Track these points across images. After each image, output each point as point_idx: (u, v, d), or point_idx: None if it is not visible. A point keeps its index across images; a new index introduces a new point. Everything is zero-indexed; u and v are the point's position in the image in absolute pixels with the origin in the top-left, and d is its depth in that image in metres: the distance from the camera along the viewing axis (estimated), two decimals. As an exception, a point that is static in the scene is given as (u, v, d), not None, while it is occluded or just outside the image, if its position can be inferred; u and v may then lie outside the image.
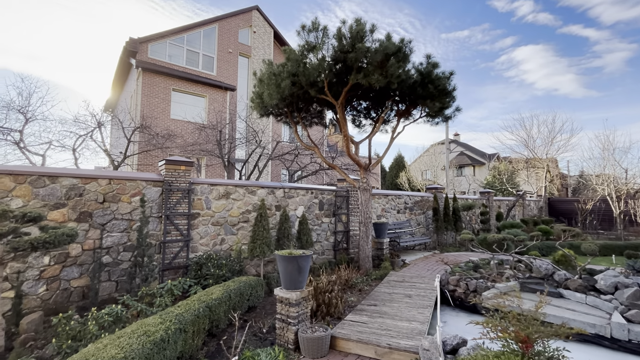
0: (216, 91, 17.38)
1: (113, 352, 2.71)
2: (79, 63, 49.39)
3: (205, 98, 17.05)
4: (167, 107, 15.67)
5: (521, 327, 2.56)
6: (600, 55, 56.39)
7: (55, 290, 5.19)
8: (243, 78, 20.15)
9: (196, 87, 16.57)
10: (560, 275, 5.81)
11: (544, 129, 22.26)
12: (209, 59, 18.41)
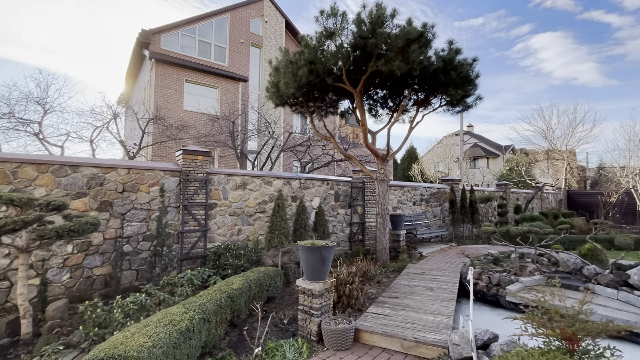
0: (228, 82, 17.30)
1: (141, 341, 2.69)
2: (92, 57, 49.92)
3: (217, 89, 17.00)
4: (180, 98, 15.69)
5: (566, 323, 2.41)
6: (622, 42, 54.03)
7: (78, 278, 5.26)
8: (255, 68, 20.00)
9: (208, 78, 16.53)
10: (589, 269, 5.59)
11: (564, 119, 21.53)
12: (220, 50, 18.30)
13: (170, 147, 14.52)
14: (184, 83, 15.93)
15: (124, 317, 3.46)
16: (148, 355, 2.56)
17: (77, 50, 50.56)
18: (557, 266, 6.74)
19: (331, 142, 8.45)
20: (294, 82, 6.94)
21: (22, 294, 3.85)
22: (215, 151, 16.39)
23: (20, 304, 3.83)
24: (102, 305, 3.90)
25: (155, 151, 14.51)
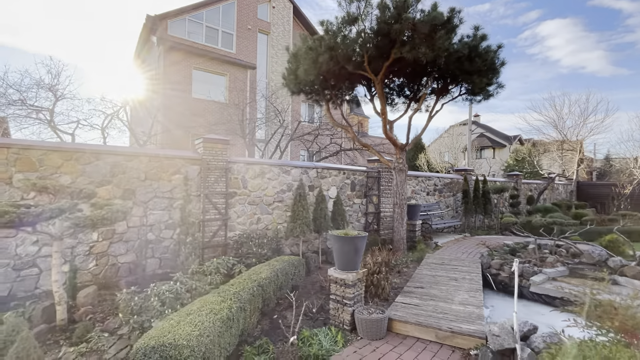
0: (237, 69, 17.06)
1: (188, 329, 2.68)
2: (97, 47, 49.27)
3: (225, 77, 16.79)
4: (189, 85, 15.51)
5: (625, 317, 2.38)
6: (633, 29, 52.76)
7: (104, 266, 5.28)
8: (262, 55, 19.69)
9: (217, 65, 16.28)
10: (615, 261, 5.56)
11: (576, 109, 21.20)
12: (228, 36, 17.98)
13: (180, 135, 14.45)
14: (193, 70, 15.72)
15: (161, 305, 3.46)
16: (197, 344, 2.56)
17: (80, 40, 49.93)
18: (576, 257, 6.71)
19: (348, 131, 8.35)
20: (313, 69, 6.80)
21: (57, 281, 3.85)
22: (224, 140, 16.27)
23: (55, 291, 3.84)
24: (137, 292, 3.89)
25: (165, 139, 14.44)
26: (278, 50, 20.23)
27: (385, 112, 7.49)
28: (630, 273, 5.27)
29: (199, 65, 15.72)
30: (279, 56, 20.29)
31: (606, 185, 17.76)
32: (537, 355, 2.87)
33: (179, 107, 14.32)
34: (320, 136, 16.66)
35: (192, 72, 15.66)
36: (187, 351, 2.48)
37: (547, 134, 22.95)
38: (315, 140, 16.45)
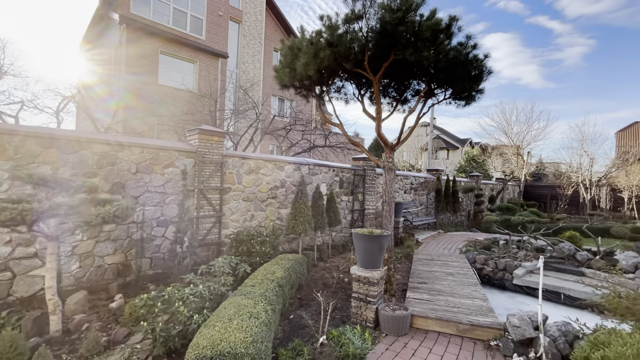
0: (207, 57, 16.19)
1: (241, 336, 2.51)
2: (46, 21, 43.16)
3: (195, 64, 15.85)
4: (155, 71, 14.38)
5: None
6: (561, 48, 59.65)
7: (89, 268, 4.73)
8: (233, 43, 18.90)
9: (186, 50, 15.28)
10: (582, 255, 6.29)
11: (522, 117, 23.47)
12: (197, 21, 16.96)
13: (145, 124, 13.37)
14: (159, 55, 14.60)
15: (188, 310, 3.17)
16: (255, 351, 2.41)
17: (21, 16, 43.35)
18: (542, 252, 7.48)
19: (340, 128, 8.35)
20: (313, 64, 6.68)
21: (51, 288, 3.36)
22: (193, 131, 15.39)
23: (49, 299, 3.35)
24: (158, 297, 3.52)
25: (130, 127, 13.24)
26: (250, 40, 19.58)
27: (381, 112, 7.61)
28: (595, 265, 6.00)
29: (167, 50, 14.63)
30: (251, 46, 19.65)
31: (547, 187, 19.99)
32: (571, 346, 3.16)
33: (144, 94, 13.21)
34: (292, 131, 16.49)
35: (159, 57, 14.54)
36: (247, 359, 2.32)
37: (498, 139, 25.12)
38: (287, 135, 16.24)
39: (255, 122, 14.43)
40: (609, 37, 56.28)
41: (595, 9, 53.32)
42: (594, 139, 19.67)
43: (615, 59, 58.94)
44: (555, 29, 58.26)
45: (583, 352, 2.56)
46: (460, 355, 3.41)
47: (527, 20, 59.23)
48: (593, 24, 54.76)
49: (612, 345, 2.38)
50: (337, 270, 6.28)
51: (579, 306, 5.23)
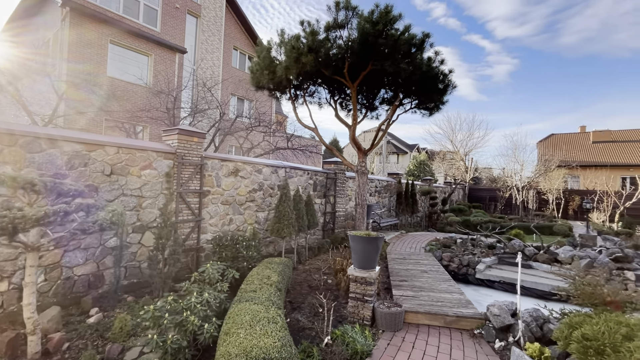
0: (163, 50, 15.22)
1: (270, 342, 2.51)
2: None
3: (149, 57, 14.81)
4: (103, 61, 13.15)
5: (611, 293, 3.28)
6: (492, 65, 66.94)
7: (55, 280, 4.23)
8: (190, 37, 18.03)
9: (139, 42, 14.19)
10: (530, 250, 7.22)
11: (465, 126, 25.90)
12: (151, 12, 15.90)
13: (91, 119, 12.14)
14: (108, 44, 13.37)
15: (198, 320, 3.01)
16: (288, 355, 2.43)
17: None
18: (493, 249, 8.41)
19: (314, 132, 8.50)
20: (295, 68, 6.74)
21: (30, 305, 2.97)
22: (146, 129, 14.39)
23: (28, 317, 2.95)
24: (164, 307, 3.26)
25: (71, 123, 11.91)
26: (209, 36, 18.85)
27: (356, 118, 7.93)
28: (541, 259, 6.94)
29: (117, 39, 13.44)
30: (210, 42, 18.92)
31: (486, 190, 22.30)
32: (541, 329, 3.66)
33: (90, 86, 11.99)
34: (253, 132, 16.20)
35: (108, 46, 13.31)
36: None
37: (444, 145, 27.38)
38: (247, 136, 15.94)
39: (217, 122, 13.91)
40: (530, 58, 64.60)
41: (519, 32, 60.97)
42: (525, 148, 22.45)
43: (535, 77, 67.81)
44: (487, 48, 65.28)
45: (562, 333, 3.02)
46: (453, 345, 3.75)
47: (463, 37, 65.44)
48: (517, 45, 62.47)
49: (586, 325, 2.85)
50: (319, 272, 6.40)
51: (531, 295, 6.01)
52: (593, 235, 9.26)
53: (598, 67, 61.95)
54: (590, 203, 11.44)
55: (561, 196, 18.06)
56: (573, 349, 2.74)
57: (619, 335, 2.56)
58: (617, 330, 2.60)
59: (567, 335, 2.91)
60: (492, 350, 3.66)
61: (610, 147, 26.21)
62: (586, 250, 7.15)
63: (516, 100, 68.41)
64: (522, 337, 3.67)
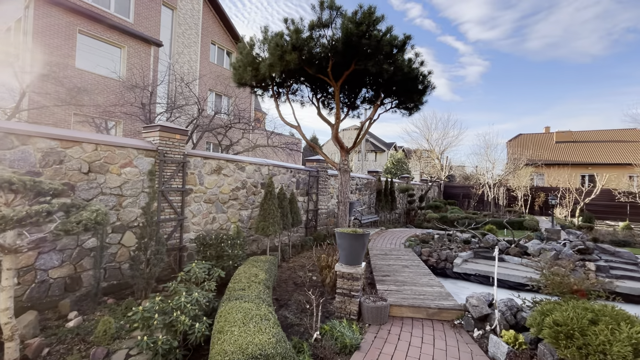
0: (137, 43, 14.65)
1: (264, 338, 2.54)
2: None
3: (123, 49, 14.21)
4: (72, 52, 12.48)
5: (577, 282, 3.56)
6: (464, 66, 69.36)
7: (29, 284, 4.03)
8: (166, 29, 17.43)
9: (111, 33, 13.56)
10: (502, 244, 7.64)
11: (440, 125, 26.76)
12: (124, 1, 15.21)
13: (60, 113, 11.53)
14: (77, 34, 12.70)
15: (189, 320, 2.98)
16: (283, 350, 2.48)
17: None
18: (468, 244, 8.82)
19: (297, 130, 8.52)
20: (279, 66, 6.72)
21: (8, 309, 2.83)
22: (119, 125, 13.83)
23: (5, 323, 2.81)
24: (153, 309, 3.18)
25: (37, 117, 11.24)
26: (186, 29, 18.31)
27: (339, 117, 8.02)
28: (512, 252, 7.36)
29: (86, 29, 12.78)
30: (187, 36, 18.39)
31: (460, 187, 23.21)
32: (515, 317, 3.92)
33: (58, 78, 11.33)
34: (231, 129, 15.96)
35: (77, 36, 12.63)
36: (278, 358, 2.38)
37: (420, 144, 28.18)
38: (226, 133, 15.69)
39: (196, 118, 13.57)
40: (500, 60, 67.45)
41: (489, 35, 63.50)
42: (496, 147, 23.58)
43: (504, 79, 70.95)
44: (460, 49, 67.51)
45: (535, 320, 3.26)
46: (436, 335, 3.94)
47: (438, 38, 67.28)
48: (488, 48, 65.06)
49: (557, 312, 3.10)
50: (304, 270, 6.46)
51: (504, 286, 6.37)
52: (557, 230, 9.93)
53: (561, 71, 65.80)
54: (554, 199, 12.23)
55: (528, 193, 19.13)
56: (545, 334, 2.98)
57: (585, 320, 2.81)
58: (584, 316, 2.86)
59: (539, 321, 3.14)
60: (471, 339, 3.88)
61: (571, 147, 28.01)
62: (552, 244, 7.66)
63: (487, 101, 71.32)
64: (499, 325, 3.92)
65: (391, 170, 32.32)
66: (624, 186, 19.11)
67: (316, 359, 3.26)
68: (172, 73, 15.68)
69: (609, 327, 2.64)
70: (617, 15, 54.01)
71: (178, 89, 14.13)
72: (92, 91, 12.21)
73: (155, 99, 14.77)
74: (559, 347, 2.81)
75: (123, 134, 13.64)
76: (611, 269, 6.56)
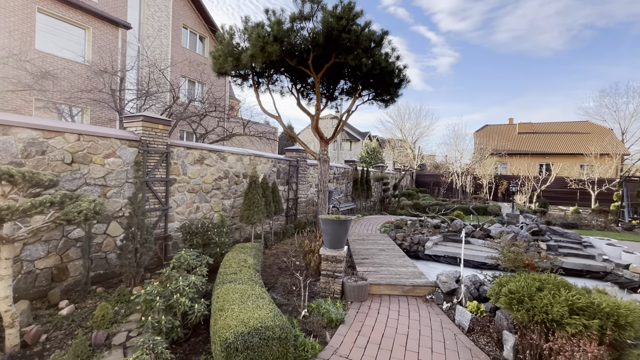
0: (104, 24, 13.91)
1: (263, 314, 2.83)
2: None
3: (87, 31, 13.46)
4: (31, 32, 11.71)
5: (528, 258, 4.13)
6: (436, 56, 71.13)
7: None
8: (134, 9, 16.60)
9: (73, 12, 12.76)
10: (468, 228, 8.34)
11: (413, 115, 27.68)
12: (86, -22, 14.30)
13: (18, 99, 10.88)
14: (36, 13, 11.88)
15: (189, 302, 3.19)
16: (281, 323, 2.78)
17: None
18: (438, 228, 9.52)
19: (278, 121, 8.66)
20: (261, 57, 6.81)
21: (8, 298, 2.91)
22: (86, 112, 13.22)
23: (5, 311, 2.89)
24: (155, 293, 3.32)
25: (-6, 102, 10.54)
26: (156, 11, 17.54)
27: (319, 108, 8.25)
28: (477, 235, 8.08)
29: (46, 7, 11.96)
30: (157, 18, 17.63)
31: (431, 176, 24.35)
32: (478, 290, 4.47)
33: (16, 61, 10.62)
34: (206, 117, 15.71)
35: (36, 15, 11.81)
36: (278, 330, 2.68)
37: (394, 134, 29.03)
38: (201, 121, 15.45)
39: (170, 106, 13.23)
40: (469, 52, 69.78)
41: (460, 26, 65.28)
42: (464, 138, 24.91)
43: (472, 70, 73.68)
44: (432, 39, 68.92)
45: (493, 291, 3.78)
46: (410, 308, 4.41)
47: (411, 27, 68.16)
48: (459, 39, 66.97)
49: (511, 283, 3.63)
50: (287, 255, 6.76)
51: (469, 266, 7.04)
52: (516, 214, 10.90)
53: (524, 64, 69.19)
54: (515, 187, 13.30)
55: (493, 181, 20.49)
56: (502, 302, 3.49)
57: (534, 288, 3.35)
58: (532, 285, 3.39)
59: (497, 292, 3.66)
60: (441, 311, 4.39)
61: (531, 137, 30.04)
62: (511, 227, 8.48)
63: (457, 92, 73.85)
64: (464, 297, 4.46)
65: (366, 159, 33.09)
66: (576, 174, 20.99)
67: (306, 333, 3.59)
68: (143, 58, 15.05)
69: (551, 293, 3.18)
70: (576, 12, 57.40)
71: (149, 75, 13.61)
72: (55, 75, 11.54)
73: (125, 85, 14.18)
74: (512, 311, 3.33)
75: (91, 121, 13.06)
76: (559, 247, 7.42)
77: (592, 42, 59.58)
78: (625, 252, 6.79)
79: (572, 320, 2.90)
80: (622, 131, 31.01)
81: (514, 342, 3.24)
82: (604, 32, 57.68)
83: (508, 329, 3.54)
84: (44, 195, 2.69)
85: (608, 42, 59.37)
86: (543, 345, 2.93)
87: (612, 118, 33.85)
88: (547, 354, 2.90)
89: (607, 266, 6.46)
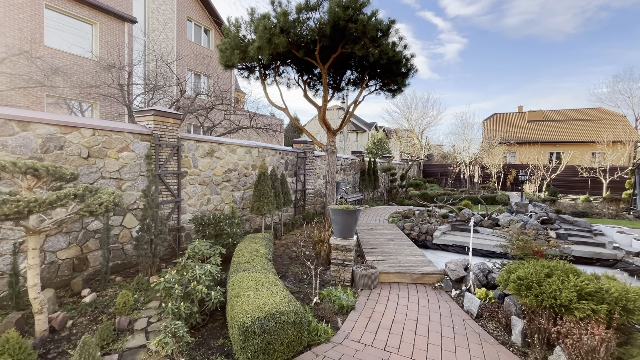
0: (111, 19, 13.98)
1: (277, 300, 2.94)
2: None
3: (94, 26, 13.55)
4: (39, 29, 11.85)
5: (537, 245, 4.16)
6: (443, 43, 69.70)
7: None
8: (139, 3, 16.62)
9: (80, 7, 12.85)
10: (477, 218, 8.35)
11: (420, 105, 27.37)
12: (91, -27, 14.32)
13: (32, 95, 11.07)
14: (44, 9, 12.00)
15: (207, 289, 3.33)
16: (294, 309, 2.89)
17: None
18: (446, 218, 9.54)
19: (285, 113, 8.70)
20: (268, 49, 6.82)
21: (36, 285, 3.07)
22: (95, 107, 13.41)
23: (34, 298, 3.05)
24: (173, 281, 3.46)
25: (6, 99, 10.75)
26: (160, 4, 17.53)
27: (326, 99, 8.25)
28: (485, 224, 8.09)
29: (53, 4, 12.06)
30: (162, 12, 17.65)
31: (438, 166, 24.20)
32: (486, 278, 4.53)
33: (27, 58, 10.79)
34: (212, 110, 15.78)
35: (44, 11, 11.93)
36: (292, 315, 2.79)
37: (401, 124, 28.79)
38: (208, 114, 15.54)
39: (177, 100, 13.34)
40: (477, 37, 68.24)
41: (468, 10, 63.64)
42: (472, 127, 24.61)
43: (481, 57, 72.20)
44: (439, 25, 67.47)
45: (502, 277, 3.84)
46: (420, 296, 4.50)
47: (417, 13, 66.70)
48: (467, 24, 65.44)
49: (520, 270, 3.68)
50: (296, 245, 6.89)
51: (478, 254, 7.08)
52: (525, 203, 10.84)
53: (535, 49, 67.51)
54: (524, 176, 13.18)
55: (501, 170, 20.30)
56: (510, 288, 3.55)
57: (542, 274, 3.39)
58: (541, 271, 3.44)
59: (506, 278, 3.72)
60: (449, 297, 4.47)
61: (541, 125, 29.52)
62: (520, 216, 8.46)
63: (465, 80, 72.64)
64: (472, 285, 4.52)
65: (372, 150, 32.98)
66: (587, 162, 20.67)
67: (318, 319, 3.71)
68: (149, 52, 15.13)
69: (560, 279, 3.23)
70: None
71: (156, 69, 13.69)
72: (65, 71, 11.71)
73: (133, 79, 14.32)
74: (521, 297, 3.39)
75: (100, 116, 13.26)
76: (569, 235, 7.41)
77: (607, 25, 57.68)
78: (636, 239, 6.75)
79: (581, 305, 2.95)
80: (635, 117, 30.28)
81: (522, 327, 3.30)
82: (620, 13, 55.73)
83: (516, 314, 3.60)
84: (67, 189, 2.81)
85: (624, 24, 57.44)
86: (551, 329, 2.99)
87: (625, 104, 33.06)
88: (554, 337, 2.96)
89: (618, 254, 6.43)
